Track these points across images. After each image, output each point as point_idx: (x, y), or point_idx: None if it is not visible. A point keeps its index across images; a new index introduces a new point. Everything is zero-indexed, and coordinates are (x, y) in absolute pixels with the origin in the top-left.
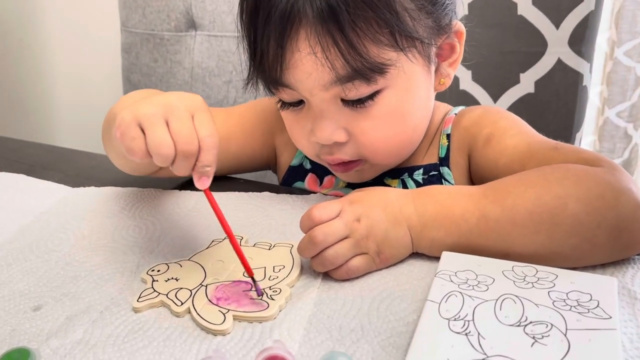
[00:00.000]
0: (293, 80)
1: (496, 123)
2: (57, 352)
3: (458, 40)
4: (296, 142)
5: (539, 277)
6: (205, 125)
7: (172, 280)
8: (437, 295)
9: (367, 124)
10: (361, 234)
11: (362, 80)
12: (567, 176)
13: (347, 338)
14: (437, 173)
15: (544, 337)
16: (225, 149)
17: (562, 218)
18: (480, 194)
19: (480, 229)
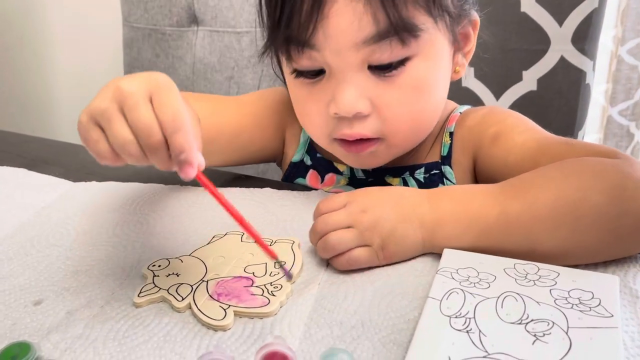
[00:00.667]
0: (324, 38)
1: (503, 121)
2: (57, 347)
3: (473, 30)
4: (309, 118)
5: (541, 275)
6: (166, 107)
7: (172, 276)
8: (438, 292)
9: (394, 95)
10: (365, 226)
11: (397, 41)
12: (586, 169)
13: (347, 334)
14: (439, 172)
15: (545, 335)
16: (236, 140)
17: (584, 210)
18: (498, 190)
19: (500, 225)
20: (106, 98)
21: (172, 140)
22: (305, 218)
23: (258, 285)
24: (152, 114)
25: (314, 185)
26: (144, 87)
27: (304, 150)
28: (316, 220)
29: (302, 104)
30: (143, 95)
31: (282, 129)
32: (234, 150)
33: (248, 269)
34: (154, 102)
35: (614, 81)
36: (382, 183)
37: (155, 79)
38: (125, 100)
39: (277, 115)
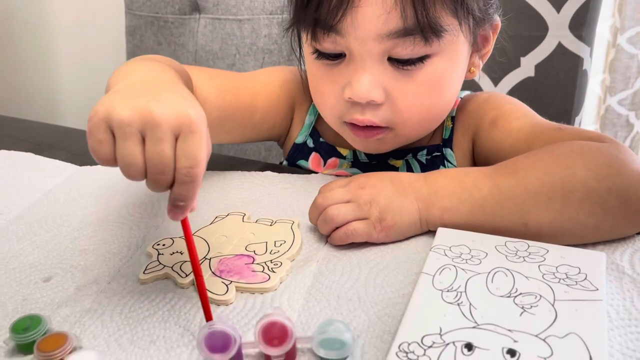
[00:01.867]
0: (350, 25)
1: (501, 107)
2: (67, 320)
3: (493, 33)
4: (323, 98)
5: (530, 252)
6: (189, 154)
7: (177, 254)
8: (431, 268)
9: (410, 88)
10: (364, 199)
11: (421, 39)
12: (573, 149)
13: (344, 307)
14: (440, 154)
15: (533, 307)
16: (249, 120)
17: (573, 184)
18: (491, 169)
19: (493, 197)
20: (131, 109)
21: (179, 187)
22: (305, 200)
23: (259, 263)
24: (172, 154)
25: (316, 168)
26: (175, 121)
27: (307, 132)
28: (316, 197)
29: (318, 83)
30: (171, 130)
31: (292, 109)
32: (245, 128)
33: (249, 247)
34: (179, 144)
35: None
36: (385, 165)
37: (188, 116)
38: (152, 128)
39: (289, 95)
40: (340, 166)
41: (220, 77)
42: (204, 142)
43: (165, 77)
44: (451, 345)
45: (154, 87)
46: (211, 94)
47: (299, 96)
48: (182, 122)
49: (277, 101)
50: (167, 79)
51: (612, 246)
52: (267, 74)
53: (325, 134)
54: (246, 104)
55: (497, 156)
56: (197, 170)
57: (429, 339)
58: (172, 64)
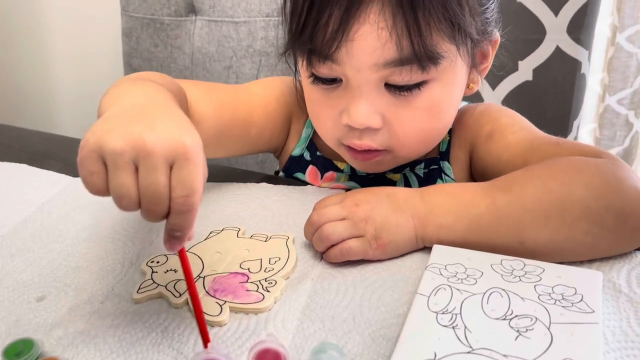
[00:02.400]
0: (346, 55)
1: (498, 120)
2: (60, 342)
3: (492, 49)
4: (320, 121)
5: (527, 271)
6: (185, 183)
7: (170, 272)
8: (426, 288)
9: (407, 114)
10: (359, 217)
11: (418, 67)
12: (571, 166)
13: (339, 328)
14: (437, 167)
15: (528, 331)
16: (246, 134)
17: (570, 203)
18: (487, 185)
19: (490, 214)
20: (123, 138)
21: (175, 217)
22: (301, 214)
23: (253, 281)
24: (166, 184)
25: (313, 181)
26: (169, 149)
27: (304, 145)
28: (311, 213)
29: (315, 106)
30: (165, 159)
31: (289, 122)
32: (242, 143)
33: (244, 264)
34: (174, 173)
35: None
36: (383, 179)
37: (183, 144)
38: (145, 158)
39: (286, 108)
40: (337, 179)
41: (217, 91)
42: (200, 169)
43: (159, 100)
44: None
45: (148, 112)
46: (208, 109)
47: (295, 109)
48: (176, 151)
49: (273, 114)
50: (161, 102)
51: (609, 263)
52: (264, 87)
53: (322, 148)
54: (243, 118)
55: (494, 170)
56: (193, 199)
57: None
58: (165, 81)
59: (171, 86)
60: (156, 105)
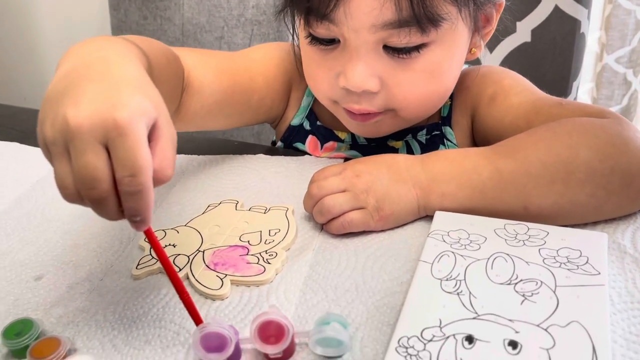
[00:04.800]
0: (344, 16)
1: (500, 82)
2: (60, 321)
3: (496, 12)
4: (316, 83)
5: (530, 235)
6: (124, 162)
7: (169, 247)
8: (429, 255)
9: (406, 76)
10: (360, 188)
11: (417, 29)
12: (575, 127)
13: (342, 298)
14: (440, 133)
15: (534, 295)
16: (246, 103)
17: (575, 166)
18: (490, 150)
19: (493, 182)
20: (51, 123)
21: (126, 201)
22: (300, 184)
23: (253, 254)
24: (100, 165)
25: (313, 151)
26: (94, 127)
27: (304, 114)
28: (310, 186)
29: (312, 67)
30: (95, 138)
31: (289, 90)
32: (243, 111)
33: (243, 237)
34: (111, 152)
35: (609, 28)
36: (385, 146)
37: (112, 117)
38: (72, 141)
39: (286, 75)
40: (338, 149)
41: (215, 57)
42: (141, 142)
43: (102, 57)
44: (451, 338)
45: (78, 80)
46: (207, 77)
47: (295, 76)
48: (104, 127)
49: (274, 81)
50: (101, 61)
51: (614, 224)
52: (263, 53)
53: (323, 117)
54: (244, 85)
55: (497, 133)
56: (139, 178)
57: (429, 332)
58: (150, 45)
59: (156, 50)
60: (92, 66)
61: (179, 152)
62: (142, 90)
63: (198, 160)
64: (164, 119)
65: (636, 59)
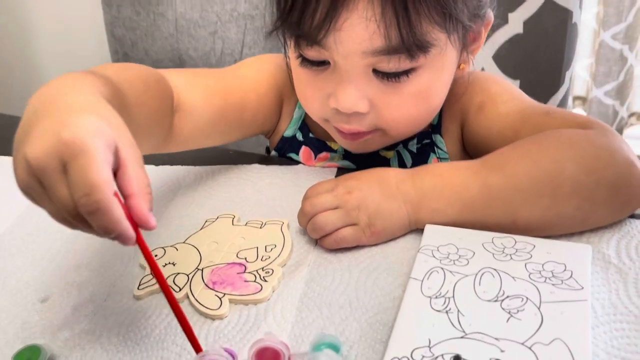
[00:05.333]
0: (334, 43)
1: (488, 90)
2: (66, 344)
3: (484, 29)
4: (307, 102)
5: (517, 249)
6: (77, 182)
7: (169, 265)
8: (419, 272)
9: (395, 99)
10: (352, 205)
11: (406, 56)
12: (562, 140)
13: (336, 315)
14: (430, 141)
15: (519, 312)
16: (239, 120)
17: (562, 180)
18: (479, 164)
19: (482, 197)
20: (18, 166)
21: (92, 221)
22: (294, 196)
23: (250, 271)
24: (68, 193)
25: (307, 161)
26: (51, 154)
27: (296, 126)
28: (304, 202)
29: (302, 86)
30: (54, 168)
31: (280, 103)
32: (236, 128)
33: (240, 254)
34: (68, 176)
35: (607, 4)
36: (376, 156)
37: (60, 141)
38: (41, 177)
39: (277, 89)
40: (331, 159)
41: (204, 77)
42: (93, 160)
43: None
44: (440, 359)
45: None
46: (197, 99)
47: (286, 90)
48: (58, 153)
49: (265, 97)
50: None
51: (599, 233)
52: (252, 69)
53: (315, 129)
54: (235, 104)
55: (486, 143)
56: (94, 196)
57: (419, 352)
58: (127, 71)
59: (131, 76)
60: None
61: (178, 163)
62: (95, 112)
63: (194, 172)
64: (126, 141)
65: (632, 34)
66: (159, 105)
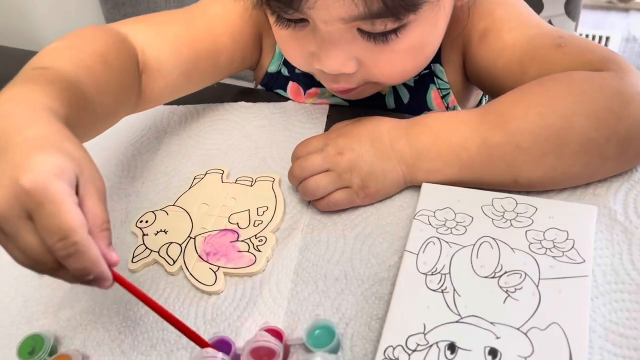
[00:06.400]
0: (310, 10)
1: (492, 14)
2: (69, 324)
3: None
4: (289, 56)
5: (518, 212)
6: (49, 229)
7: (161, 233)
8: (415, 244)
9: (384, 57)
10: (343, 168)
11: (393, 19)
12: (572, 90)
13: (331, 289)
14: (429, 71)
15: (517, 291)
16: (215, 65)
17: (569, 137)
18: (478, 119)
19: (482, 157)
20: None
21: (70, 264)
22: (284, 144)
23: (243, 240)
24: (34, 240)
25: (295, 97)
26: (13, 203)
27: (280, 61)
28: (293, 164)
29: (282, 43)
30: (16, 216)
31: (260, 38)
32: (213, 74)
33: (232, 218)
34: (35, 223)
35: None
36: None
37: (22, 190)
38: (1, 227)
39: (253, 23)
40: (321, 95)
41: (170, 25)
42: (61, 203)
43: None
44: (435, 347)
45: None
46: (164, 53)
47: (263, 22)
48: (20, 201)
49: (240, 35)
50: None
51: (606, 183)
52: (222, 4)
53: None
54: (208, 51)
55: (489, 76)
56: (71, 239)
57: (413, 340)
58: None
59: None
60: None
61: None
62: (54, 147)
63: (179, 112)
64: (87, 176)
65: None
66: (123, 78)
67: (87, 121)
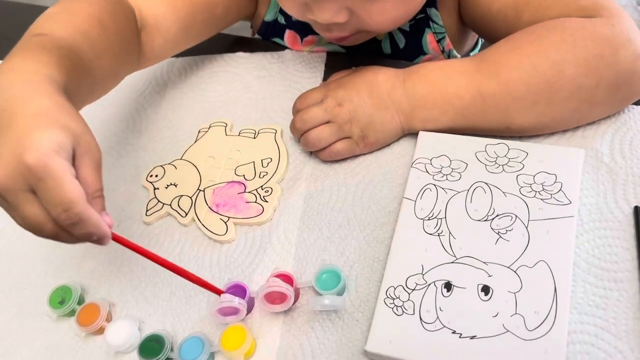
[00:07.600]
0: None
1: None
2: (93, 275)
3: None
4: (284, 6)
5: (510, 158)
6: (53, 201)
7: (171, 187)
8: (413, 191)
9: (376, 6)
10: (343, 119)
11: None
12: (564, 38)
13: (335, 235)
14: (425, 15)
15: (508, 232)
16: (211, 19)
17: (560, 84)
18: (473, 69)
19: (476, 105)
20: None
21: (74, 231)
22: (285, 94)
23: (250, 191)
24: (33, 212)
25: (292, 45)
26: (16, 177)
27: (276, 9)
28: (294, 117)
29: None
30: (18, 188)
31: None
32: (210, 28)
33: (238, 170)
34: (39, 196)
35: None
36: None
37: (25, 165)
38: (5, 197)
39: None
40: (319, 42)
41: None
42: (62, 178)
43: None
44: (432, 286)
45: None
46: (160, 10)
47: None
48: (23, 176)
49: None
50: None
51: (594, 126)
52: None
53: None
54: (204, 4)
55: (485, 20)
56: (74, 209)
57: (412, 280)
58: (78, 12)
59: (84, 19)
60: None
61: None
62: (54, 122)
63: (177, 65)
64: (84, 145)
65: None
66: (121, 40)
67: (86, 85)
